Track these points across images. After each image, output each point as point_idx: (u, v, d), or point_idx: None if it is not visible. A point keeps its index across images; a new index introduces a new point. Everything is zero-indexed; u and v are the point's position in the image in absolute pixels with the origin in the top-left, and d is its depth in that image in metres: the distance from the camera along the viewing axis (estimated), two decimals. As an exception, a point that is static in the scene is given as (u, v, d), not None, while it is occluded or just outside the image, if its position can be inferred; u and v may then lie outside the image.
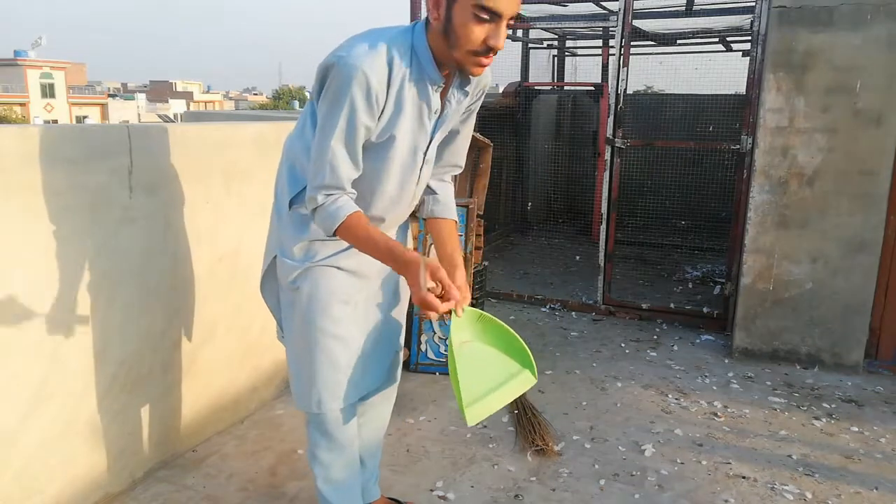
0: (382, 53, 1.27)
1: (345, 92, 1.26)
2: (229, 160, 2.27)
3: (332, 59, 1.27)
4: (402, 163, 1.41)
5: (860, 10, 2.78)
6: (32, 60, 37.34)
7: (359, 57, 1.25)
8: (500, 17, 1.22)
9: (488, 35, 1.23)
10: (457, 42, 1.25)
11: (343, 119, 1.28)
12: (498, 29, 1.23)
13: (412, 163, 1.43)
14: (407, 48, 1.31)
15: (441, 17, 1.25)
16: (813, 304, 3.02)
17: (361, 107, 1.27)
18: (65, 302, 1.74)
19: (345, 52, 1.27)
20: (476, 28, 1.22)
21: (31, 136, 1.63)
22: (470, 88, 1.43)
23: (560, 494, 2.04)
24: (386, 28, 1.36)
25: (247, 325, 2.45)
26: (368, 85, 1.25)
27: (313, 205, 1.35)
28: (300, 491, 2.03)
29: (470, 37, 1.23)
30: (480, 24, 1.22)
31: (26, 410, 1.67)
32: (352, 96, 1.26)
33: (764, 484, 2.12)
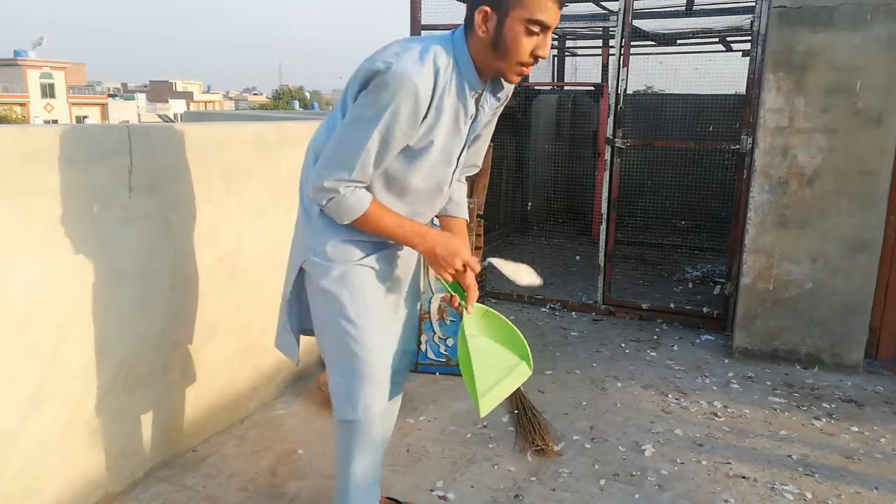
0: (430, 63, 1.30)
1: (391, 100, 1.28)
2: (229, 160, 2.28)
3: (380, 66, 1.29)
4: (436, 167, 1.44)
5: (860, 10, 2.77)
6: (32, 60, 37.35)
7: (409, 66, 1.27)
8: (549, 28, 1.30)
9: (536, 46, 1.31)
10: (506, 54, 1.31)
11: (384, 124, 1.30)
12: (545, 40, 1.31)
13: (446, 167, 1.46)
14: (449, 56, 1.34)
15: (490, 31, 1.31)
16: (813, 304, 3.02)
17: (405, 117, 1.30)
18: (64, 302, 1.74)
19: (393, 60, 1.28)
20: (526, 41, 1.30)
21: (31, 137, 1.63)
22: (502, 94, 1.48)
23: (560, 494, 2.04)
24: (427, 37, 1.39)
25: (247, 325, 2.45)
26: (417, 96, 1.28)
27: (331, 194, 1.36)
28: (300, 491, 2.03)
29: (521, 49, 1.30)
30: (530, 36, 1.29)
31: (26, 410, 1.67)
32: (398, 105, 1.28)
33: (764, 484, 2.12)
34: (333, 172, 1.35)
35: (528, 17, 1.27)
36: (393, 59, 1.29)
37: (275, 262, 2.59)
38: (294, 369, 2.78)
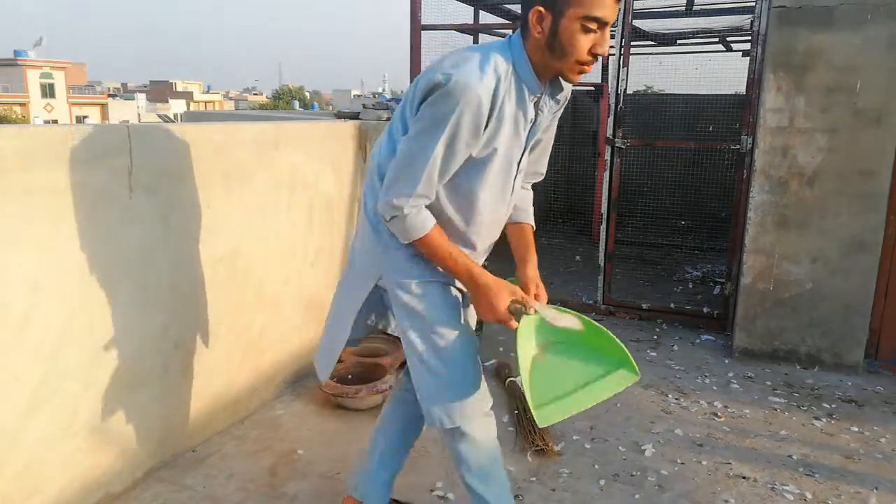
0: (491, 71, 1.28)
1: (453, 111, 1.26)
2: (229, 160, 2.28)
3: (441, 77, 1.27)
4: (499, 175, 1.42)
5: (860, 10, 2.77)
6: (32, 60, 37.34)
7: (470, 76, 1.26)
8: (606, 24, 1.26)
9: (595, 44, 1.27)
10: (564, 54, 1.28)
11: (447, 136, 1.28)
12: (603, 36, 1.28)
13: (507, 174, 1.44)
14: (508, 62, 1.32)
15: (545, 32, 1.29)
16: (813, 304, 3.02)
17: (468, 127, 1.28)
18: (65, 302, 1.74)
19: (454, 71, 1.26)
20: (583, 38, 1.26)
21: (31, 137, 1.63)
22: (560, 95, 1.46)
23: (560, 495, 2.04)
24: (484, 45, 1.37)
25: (247, 325, 2.45)
26: (479, 106, 1.27)
27: (396, 212, 1.34)
28: (300, 491, 2.03)
29: (578, 47, 1.27)
30: (587, 34, 1.26)
31: (26, 410, 1.67)
32: (460, 116, 1.26)
33: (764, 484, 2.12)
34: (400, 188, 1.33)
35: (585, 14, 1.24)
36: (452, 70, 1.27)
37: (275, 262, 2.60)
38: (294, 369, 2.79)
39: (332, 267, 2.98)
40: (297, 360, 2.79)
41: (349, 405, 2.54)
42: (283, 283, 2.64)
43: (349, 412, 2.54)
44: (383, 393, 2.56)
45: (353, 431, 2.40)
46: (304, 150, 2.69)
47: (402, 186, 1.33)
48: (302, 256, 2.75)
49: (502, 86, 1.31)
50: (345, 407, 2.55)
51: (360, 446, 2.31)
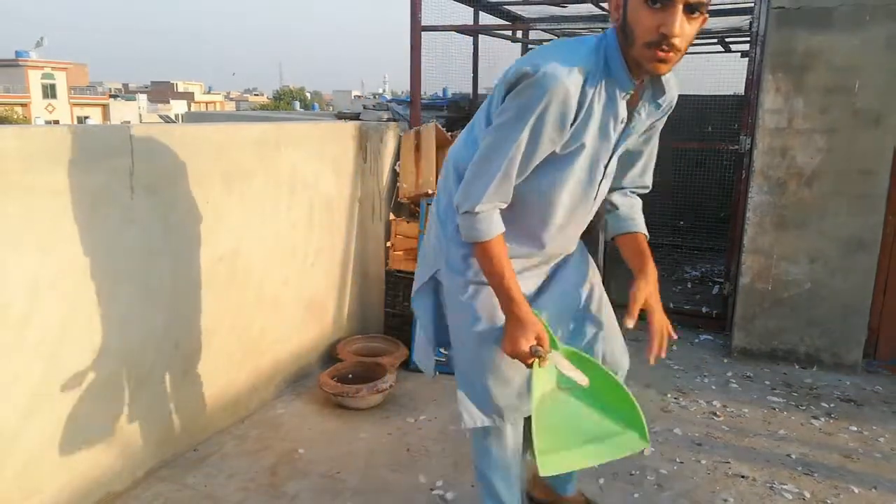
0: (581, 64, 1.22)
1: (537, 103, 1.21)
2: (230, 161, 2.28)
3: (528, 68, 1.21)
4: (581, 176, 1.35)
5: (859, 11, 2.78)
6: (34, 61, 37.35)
7: (558, 68, 1.20)
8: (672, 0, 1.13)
9: (661, 22, 1.14)
10: (632, 35, 1.19)
11: (528, 129, 1.24)
12: (670, 14, 1.13)
13: (591, 176, 1.37)
14: (601, 56, 1.25)
15: (619, 16, 1.21)
16: (812, 303, 3.03)
17: (552, 120, 1.23)
18: (65, 302, 1.74)
19: (542, 62, 1.21)
20: (647, 15, 1.15)
21: (33, 137, 1.64)
22: (663, 100, 1.36)
23: (559, 493, 2.04)
24: (578, 39, 1.30)
25: (247, 324, 2.46)
26: (566, 98, 1.21)
27: (468, 207, 1.30)
28: (300, 490, 2.04)
29: (642, 25, 1.16)
30: (652, 11, 1.15)
31: (26, 410, 1.68)
32: (545, 108, 1.21)
33: (763, 483, 2.12)
34: (477, 185, 1.29)
35: None
36: (541, 60, 1.21)
37: (275, 262, 2.61)
38: (294, 369, 2.79)
39: (333, 267, 2.99)
40: (297, 359, 2.80)
41: (350, 404, 2.54)
42: (282, 283, 2.65)
43: (350, 411, 2.54)
44: (383, 392, 2.57)
45: (354, 431, 2.40)
46: (305, 151, 2.69)
47: (480, 183, 1.29)
48: (302, 257, 2.76)
49: (592, 80, 1.24)
50: (345, 406, 2.56)
51: (360, 446, 2.32)
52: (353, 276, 3.13)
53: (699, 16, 1.16)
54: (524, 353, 1.31)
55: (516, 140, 1.25)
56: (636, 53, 1.20)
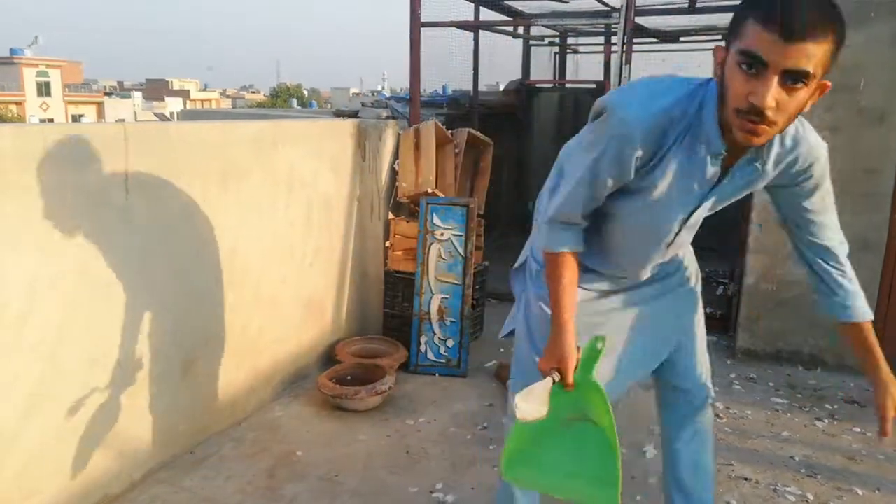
0: (662, 112, 1.14)
1: (604, 139, 1.18)
2: (227, 159, 2.25)
3: (611, 102, 1.18)
4: (648, 217, 1.30)
5: (863, 8, 2.75)
6: (28, 59, 37.20)
7: (633, 107, 1.15)
8: (765, 66, 0.99)
9: (752, 90, 1.01)
10: (724, 96, 1.08)
11: (593, 162, 1.21)
12: (763, 83, 1.00)
13: (663, 222, 1.31)
14: (695, 105, 1.16)
15: (720, 73, 1.10)
16: (815, 305, 3.01)
17: (612, 160, 1.19)
18: (62, 302, 1.72)
19: (625, 99, 1.17)
20: (740, 79, 1.03)
21: (27, 136, 1.61)
22: (765, 165, 1.22)
23: (562, 497, 2.02)
24: (679, 80, 1.20)
25: (245, 325, 2.43)
26: (631, 140, 1.15)
27: (542, 218, 1.32)
28: (298, 493, 2.01)
29: (734, 89, 1.04)
30: (745, 75, 1.02)
31: (25, 411, 1.66)
32: (608, 146, 1.18)
33: (766, 485, 2.10)
34: (554, 198, 1.30)
35: (740, 47, 1.02)
36: (625, 95, 1.18)
37: (273, 261, 2.58)
38: (292, 370, 2.76)
39: (331, 267, 2.96)
40: (295, 360, 2.77)
41: (348, 406, 2.52)
42: (280, 283, 2.62)
43: (348, 413, 2.52)
44: (382, 394, 2.54)
45: (353, 433, 2.38)
46: (303, 149, 2.66)
47: (553, 198, 1.31)
48: (300, 256, 2.73)
49: (673, 128, 1.15)
50: (344, 408, 2.53)
51: (359, 448, 2.29)
52: (352, 276, 3.10)
53: (803, 86, 1.00)
54: (544, 371, 1.30)
55: (583, 168, 1.23)
56: (727, 117, 1.09)
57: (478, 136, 3.38)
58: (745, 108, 1.03)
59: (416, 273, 2.97)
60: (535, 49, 6.18)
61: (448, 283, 2.96)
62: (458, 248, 2.97)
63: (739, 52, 1.02)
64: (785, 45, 0.97)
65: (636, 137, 1.15)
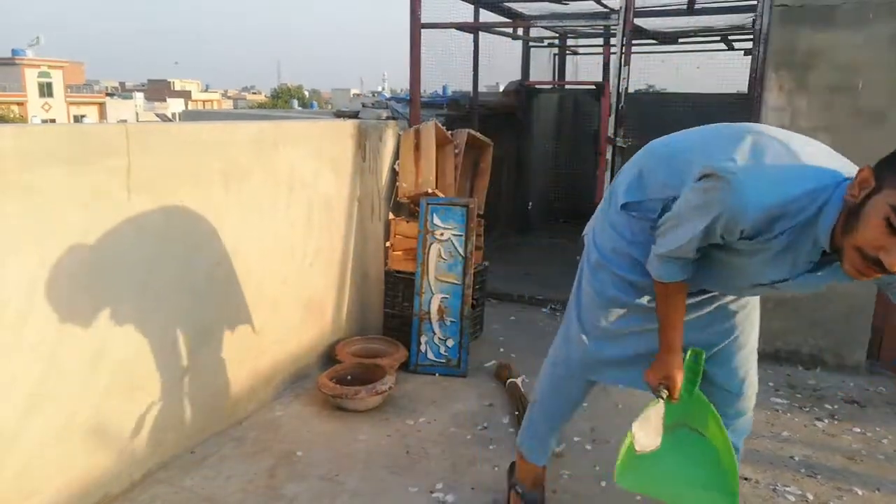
0: (779, 206, 1.13)
1: (713, 211, 1.20)
2: (228, 160, 2.26)
3: (725, 173, 1.17)
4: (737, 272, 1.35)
5: (862, 9, 2.76)
6: (30, 59, 37.23)
7: (751, 194, 1.13)
8: None
9: (885, 246, 1.01)
10: (852, 231, 1.06)
11: (705, 228, 1.24)
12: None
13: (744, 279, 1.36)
14: (815, 207, 1.13)
15: (858, 199, 1.07)
16: (815, 304, 3.01)
17: (723, 225, 1.21)
18: (63, 303, 1.72)
19: (740, 171, 1.16)
20: (879, 228, 1.02)
21: (29, 136, 1.62)
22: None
23: (561, 496, 2.03)
24: (812, 172, 1.18)
25: (245, 325, 2.43)
26: (741, 224, 1.17)
27: (658, 252, 1.39)
28: (299, 492, 2.02)
29: (869, 234, 1.02)
30: (887, 230, 1.01)
31: (25, 411, 1.66)
32: (716, 219, 1.20)
33: (766, 485, 2.10)
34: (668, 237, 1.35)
35: (894, 203, 0.99)
36: (741, 168, 1.17)
37: (273, 262, 2.58)
38: (293, 370, 2.77)
39: (331, 267, 2.97)
40: (295, 360, 2.77)
41: (348, 406, 2.52)
42: (281, 283, 2.62)
43: (348, 413, 2.52)
44: (382, 394, 2.54)
45: (353, 433, 2.38)
46: (303, 150, 2.67)
47: (669, 238, 1.36)
48: (301, 256, 2.73)
49: (788, 221, 1.14)
50: (344, 408, 2.53)
51: (359, 447, 2.29)
52: (352, 276, 3.11)
53: None
54: (653, 386, 1.49)
55: (696, 230, 1.27)
56: (844, 244, 1.08)
57: (478, 136, 3.39)
58: (871, 256, 1.03)
59: (417, 273, 2.97)
60: (535, 50, 6.19)
61: (448, 282, 2.97)
62: (458, 248, 2.98)
63: (893, 209, 1.00)
64: None
65: (747, 221, 1.16)
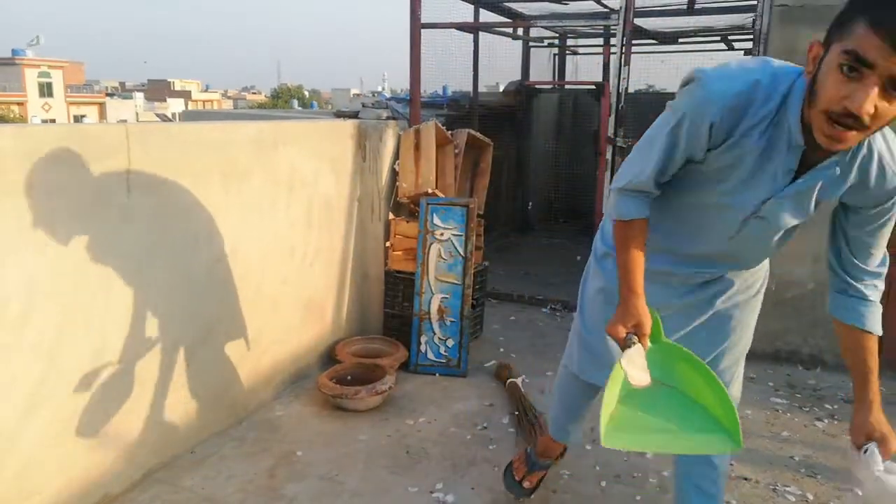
0: (745, 91, 1.12)
1: (683, 108, 1.18)
2: (228, 160, 2.26)
3: (700, 72, 1.16)
4: (713, 214, 1.29)
5: (863, 9, 2.76)
6: (30, 59, 37.24)
7: (716, 81, 1.13)
8: (870, 70, 0.95)
9: (849, 94, 0.98)
10: (815, 96, 1.04)
11: (671, 129, 1.20)
12: (863, 87, 0.96)
13: (729, 212, 1.27)
14: (780, 93, 1.12)
15: (813, 71, 1.06)
16: (815, 304, 3.01)
17: (685, 131, 1.18)
18: (63, 302, 1.72)
19: (712, 72, 1.15)
20: (836, 81, 0.99)
21: (29, 136, 1.62)
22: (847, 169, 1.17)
23: (561, 496, 2.03)
24: (778, 64, 1.17)
25: (245, 325, 2.43)
26: (705, 114, 1.14)
27: (614, 186, 1.32)
28: (299, 492, 2.02)
29: (828, 91, 1.01)
30: (843, 78, 0.98)
31: (25, 411, 1.66)
32: (684, 116, 1.17)
33: (766, 485, 2.10)
34: (627, 167, 1.30)
35: (844, 46, 0.98)
36: (713, 71, 1.15)
37: (273, 261, 2.58)
38: (293, 370, 2.77)
39: (331, 267, 2.97)
40: (295, 360, 2.77)
41: (348, 406, 2.52)
42: (281, 283, 2.62)
43: (348, 413, 2.52)
44: (382, 394, 2.54)
45: (353, 433, 2.38)
46: (303, 150, 2.67)
47: (627, 167, 1.30)
48: (301, 256, 2.73)
49: (754, 110, 1.12)
50: (344, 408, 2.53)
51: (359, 447, 2.29)
52: (352, 276, 3.11)
53: None
54: (619, 338, 1.29)
55: (661, 133, 1.22)
56: (813, 116, 1.06)
57: (477, 136, 3.39)
58: (837, 111, 1.00)
59: (416, 273, 2.97)
60: (535, 50, 6.19)
61: (448, 282, 2.97)
62: (458, 248, 2.98)
63: (843, 52, 0.97)
64: (889, 54, 0.93)
65: (714, 111, 1.13)
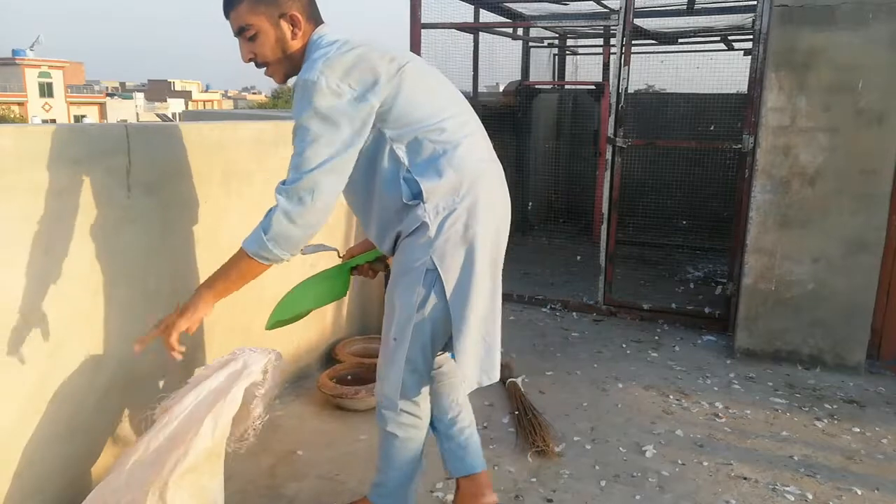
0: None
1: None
2: (228, 159, 2.26)
3: None
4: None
5: (862, 9, 2.76)
6: (30, 59, 37.28)
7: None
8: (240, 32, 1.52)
9: None
10: None
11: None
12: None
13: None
14: None
15: None
16: (815, 304, 3.01)
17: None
18: (63, 302, 1.73)
19: None
20: None
21: (29, 136, 1.62)
22: None
23: (561, 496, 2.03)
24: None
25: (246, 325, 2.44)
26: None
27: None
28: (299, 492, 2.02)
29: None
30: None
31: (25, 411, 1.66)
32: None
33: (765, 485, 2.11)
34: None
35: None
36: None
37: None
38: (293, 370, 2.77)
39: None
40: (296, 360, 2.78)
41: (348, 406, 2.52)
42: (282, 283, 2.62)
43: (348, 413, 2.52)
44: (383, 393, 2.55)
45: (353, 432, 2.39)
46: (304, 150, 2.67)
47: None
48: (301, 256, 2.73)
49: None
50: (344, 408, 2.54)
51: (359, 447, 2.30)
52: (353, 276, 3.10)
53: (255, 33, 1.50)
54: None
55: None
56: None
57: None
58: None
59: (417, 273, 2.97)
60: (535, 51, 6.20)
61: (448, 283, 2.97)
62: (458, 249, 2.97)
63: None
64: (228, 20, 1.52)
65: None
